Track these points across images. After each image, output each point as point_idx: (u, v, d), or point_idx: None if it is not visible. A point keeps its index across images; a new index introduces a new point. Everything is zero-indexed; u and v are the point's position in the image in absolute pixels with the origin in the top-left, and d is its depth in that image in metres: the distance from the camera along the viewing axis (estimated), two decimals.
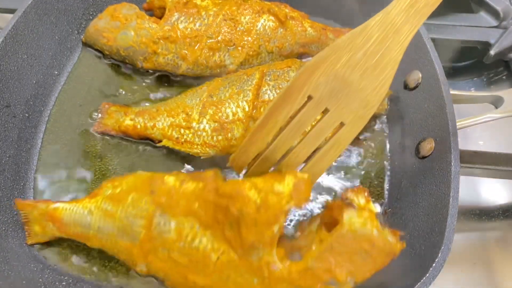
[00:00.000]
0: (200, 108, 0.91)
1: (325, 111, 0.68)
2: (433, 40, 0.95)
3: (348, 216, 0.65)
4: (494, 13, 1.19)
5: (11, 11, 1.05)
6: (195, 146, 0.90)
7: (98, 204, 0.76)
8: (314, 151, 0.71)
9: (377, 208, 0.73)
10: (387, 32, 0.63)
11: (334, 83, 0.65)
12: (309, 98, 0.67)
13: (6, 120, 0.88)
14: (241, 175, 0.79)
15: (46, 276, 0.79)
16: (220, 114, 0.90)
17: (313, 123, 0.69)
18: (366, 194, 0.71)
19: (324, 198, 0.90)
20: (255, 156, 0.72)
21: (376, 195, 0.92)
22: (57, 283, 0.79)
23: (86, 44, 1.07)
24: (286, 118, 0.68)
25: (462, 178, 0.77)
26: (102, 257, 0.83)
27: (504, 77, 1.23)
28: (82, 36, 1.07)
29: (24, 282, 0.75)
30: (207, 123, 0.90)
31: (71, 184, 0.91)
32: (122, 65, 1.05)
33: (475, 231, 1.00)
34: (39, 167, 0.93)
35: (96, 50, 1.06)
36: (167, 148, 0.92)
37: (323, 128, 0.68)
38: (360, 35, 0.64)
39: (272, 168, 0.72)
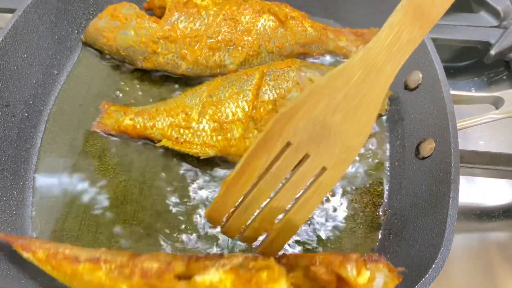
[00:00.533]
0: (199, 108, 0.91)
1: (306, 157, 0.64)
2: (433, 40, 0.95)
3: None
4: (494, 13, 1.19)
5: (11, 11, 1.05)
6: (195, 146, 0.90)
7: None
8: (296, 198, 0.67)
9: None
10: (369, 72, 0.61)
11: (313, 127, 0.62)
12: (288, 144, 0.63)
13: (6, 119, 0.88)
14: (218, 229, 0.75)
15: (46, 276, 0.79)
16: (219, 114, 0.90)
17: (294, 170, 0.65)
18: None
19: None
20: (233, 209, 0.67)
21: (376, 196, 0.92)
22: (56, 283, 0.78)
23: (86, 44, 1.07)
24: (264, 167, 0.64)
25: (462, 178, 0.77)
26: None
27: (504, 77, 1.23)
28: (82, 36, 1.07)
29: (22, 281, 0.75)
30: (206, 123, 0.90)
31: (71, 184, 0.91)
32: (122, 64, 1.05)
33: (475, 232, 1.00)
34: (38, 166, 0.93)
35: (96, 49, 1.06)
36: (167, 148, 0.92)
37: (304, 175, 0.64)
38: (340, 76, 0.62)
39: (249, 220, 0.67)
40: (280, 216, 0.67)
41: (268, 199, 0.65)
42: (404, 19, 0.59)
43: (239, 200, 0.66)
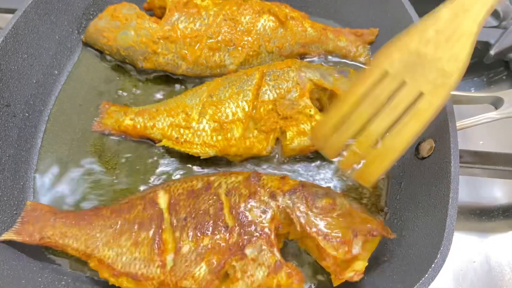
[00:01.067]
0: (200, 108, 0.91)
1: (403, 84, 0.69)
2: None
3: None
4: (494, 13, 1.19)
5: (12, 11, 1.05)
6: (195, 146, 0.90)
7: None
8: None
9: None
10: (457, 11, 0.66)
11: (409, 57, 0.68)
12: (385, 73, 0.69)
13: (6, 119, 0.89)
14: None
15: (46, 275, 0.79)
16: (219, 114, 0.90)
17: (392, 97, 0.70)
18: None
19: None
20: (333, 130, 0.73)
21: (376, 196, 0.92)
22: (56, 282, 0.79)
23: (86, 44, 1.07)
24: (364, 91, 0.70)
25: (462, 178, 0.77)
26: None
27: (504, 77, 1.23)
28: (82, 36, 1.07)
29: (23, 281, 0.75)
30: (206, 123, 0.90)
31: (71, 184, 0.91)
32: (122, 65, 1.05)
33: (475, 231, 1.00)
34: (39, 166, 0.93)
35: (96, 50, 1.06)
36: (167, 148, 0.92)
37: (402, 99, 0.69)
38: (431, 17, 0.68)
39: (351, 140, 0.72)
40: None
41: (366, 125, 0.70)
42: None
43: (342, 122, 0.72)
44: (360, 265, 0.74)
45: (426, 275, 0.68)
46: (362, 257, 0.74)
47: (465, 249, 0.98)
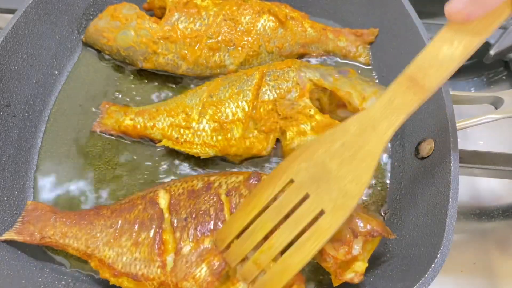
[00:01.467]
0: (200, 108, 0.91)
1: (306, 197, 0.68)
2: None
3: None
4: None
5: (12, 11, 1.05)
6: (195, 146, 0.90)
7: None
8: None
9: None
10: (365, 127, 0.66)
11: (314, 169, 0.68)
12: (291, 181, 0.69)
13: (6, 119, 0.89)
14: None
15: (46, 275, 0.79)
16: (219, 114, 0.90)
17: (294, 209, 0.69)
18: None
19: None
20: (237, 234, 0.72)
21: (376, 196, 0.92)
22: (56, 282, 0.79)
23: (86, 44, 1.07)
24: (268, 198, 0.69)
25: (462, 178, 0.77)
26: None
27: (504, 77, 1.23)
28: (82, 36, 1.07)
29: (23, 281, 0.75)
30: (206, 123, 0.90)
31: (71, 184, 0.91)
32: (122, 65, 1.05)
33: (475, 231, 1.00)
34: (39, 166, 0.93)
35: (96, 50, 1.06)
36: (167, 148, 0.92)
37: (303, 214, 0.67)
38: (339, 128, 0.68)
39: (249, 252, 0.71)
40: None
41: (268, 235, 0.69)
42: (398, 86, 0.65)
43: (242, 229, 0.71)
44: (361, 266, 0.73)
45: (426, 275, 0.68)
46: (362, 257, 0.74)
47: (465, 249, 0.98)
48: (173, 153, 0.95)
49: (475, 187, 1.06)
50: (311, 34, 1.05)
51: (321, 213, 0.66)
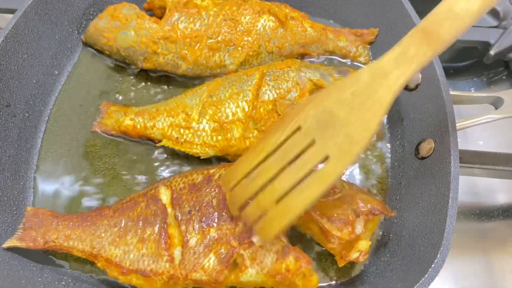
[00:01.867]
0: (200, 108, 0.91)
1: (312, 143, 0.68)
2: None
3: None
4: (494, 13, 1.19)
5: (12, 11, 1.05)
6: (195, 146, 0.90)
7: None
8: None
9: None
10: (377, 76, 0.66)
11: (322, 115, 0.67)
12: (299, 128, 0.69)
13: (6, 119, 0.89)
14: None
15: (46, 276, 0.79)
16: (219, 114, 0.90)
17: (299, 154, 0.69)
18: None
19: None
20: (243, 176, 0.72)
21: (376, 196, 0.92)
22: (56, 282, 0.79)
23: (86, 44, 1.07)
24: (275, 144, 0.69)
25: (462, 178, 0.77)
26: None
27: (504, 77, 1.23)
28: (82, 36, 1.07)
29: (23, 281, 0.75)
30: (206, 123, 0.90)
31: (71, 184, 0.91)
32: (122, 65, 1.05)
33: (475, 231, 1.00)
34: (39, 166, 0.93)
35: (97, 50, 1.06)
36: (167, 148, 0.92)
37: (308, 159, 0.67)
38: (350, 77, 0.68)
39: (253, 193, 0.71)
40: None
41: (273, 178, 0.69)
42: (412, 38, 0.66)
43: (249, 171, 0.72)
44: (364, 244, 0.76)
45: (426, 275, 0.68)
46: (365, 236, 0.76)
47: (465, 249, 0.98)
48: (173, 153, 0.95)
49: (475, 187, 1.06)
50: (311, 34, 1.05)
51: (326, 158, 0.66)
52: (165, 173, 0.93)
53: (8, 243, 0.80)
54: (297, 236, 0.86)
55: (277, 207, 0.67)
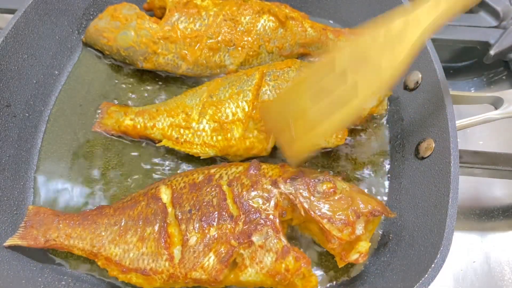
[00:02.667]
0: (200, 108, 0.91)
1: (346, 77, 0.74)
2: (433, 40, 0.95)
3: None
4: (494, 13, 1.19)
5: (12, 11, 1.05)
6: (195, 146, 0.90)
7: None
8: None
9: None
10: (407, 24, 0.71)
11: (357, 55, 0.74)
12: (335, 66, 0.75)
13: (7, 119, 0.89)
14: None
15: (46, 275, 0.79)
16: (219, 114, 0.90)
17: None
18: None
19: None
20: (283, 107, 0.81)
21: (376, 195, 0.92)
22: (56, 282, 0.79)
23: (86, 44, 1.07)
24: (317, 80, 0.76)
25: (462, 178, 0.77)
26: None
27: (504, 77, 1.23)
28: (82, 36, 1.07)
29: (23, 281, 0.75)
30: (206, 123, 0.90)
31: (71, 184, 0.91)
32: (122, 65, 1.05)
33: (475, 231, 1.00)
34: (39, 166, 0.93)
35: (97, 50, 1.06)
36: (167, 148, 0.92)
37: (342, 92, 0.75)
38: (384, 25, 0.73)
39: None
40: None
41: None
42: None
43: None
44: (364, 245, 0.76)
45: (426, 275, 0.68)
46: (365, 237, 0.76)
47: (465, 249, 0.98)
48: (173, 154, 0.95)
49: (475, 187, 1.06)
50: (311, 34, 1.05)
51: (355, 88, 0.73)
52: (165, 172, 0.94)
53: (9, 241, 0.80)
54: (297, 236, 0.86)
55: (309, 132, 0.75)
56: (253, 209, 0.75)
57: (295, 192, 0.77)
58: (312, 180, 0.78)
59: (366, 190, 0.92)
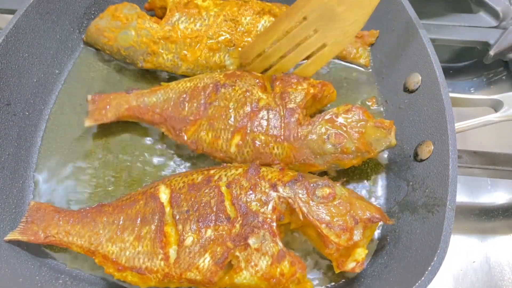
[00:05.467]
0: None
1: (315, 31, 0.90)
2: (433, 40, 0.95)
3: None
4: (493, 13, 1.19)
5: (12, 11, 1.05)
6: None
7: None
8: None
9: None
10: None
11: (325, 10, 0.86)
12: (304, 18, 0.89)
13: (6, 118, 0.89)
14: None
15: (43, 274, 0.80)
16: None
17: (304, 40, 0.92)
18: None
19: None
20: (257, 54, 0.96)
21: (375, 198, 0.92)
22: (53, 281, 0.79)
23: (87, 44, 1.08)
24: (286, 29, 0.91)
25: (462, 178, 0.77)
26: None
27: (503, 77, 1.23)
28: (83, 36, 1.07)
29: (21, 280, 0.76)
30: None
31: (71, 182, 0.92)
32: (122, 64, 1.06)
33: (475, 231, 1.00)
34: (38, 165, 0.93)
35: (97, 49, 1.07)
36: (168, 147, 0.92)
37: (311, 43, 0.91)
38: None
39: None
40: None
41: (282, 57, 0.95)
42: None
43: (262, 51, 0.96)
44: (361, 253, 0.76)
45: (423, 278, 0.68)
46: (362, 243, 0.76)
47: (465, 249, 0.98)
48: (173, 153, 0.95)
49: (475, 187, 1.06)
50: None
51: (323, 45, 0.91)
52: (166, 172, 0.94)
53: (10, 236, 0.80)
54: (294, 240, 0.86)
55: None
56: (250, 212, 0.75)
57: (294, 196, 0.77)
58: (311, 185, 0.78)
59: (364, 192, 0.92)
